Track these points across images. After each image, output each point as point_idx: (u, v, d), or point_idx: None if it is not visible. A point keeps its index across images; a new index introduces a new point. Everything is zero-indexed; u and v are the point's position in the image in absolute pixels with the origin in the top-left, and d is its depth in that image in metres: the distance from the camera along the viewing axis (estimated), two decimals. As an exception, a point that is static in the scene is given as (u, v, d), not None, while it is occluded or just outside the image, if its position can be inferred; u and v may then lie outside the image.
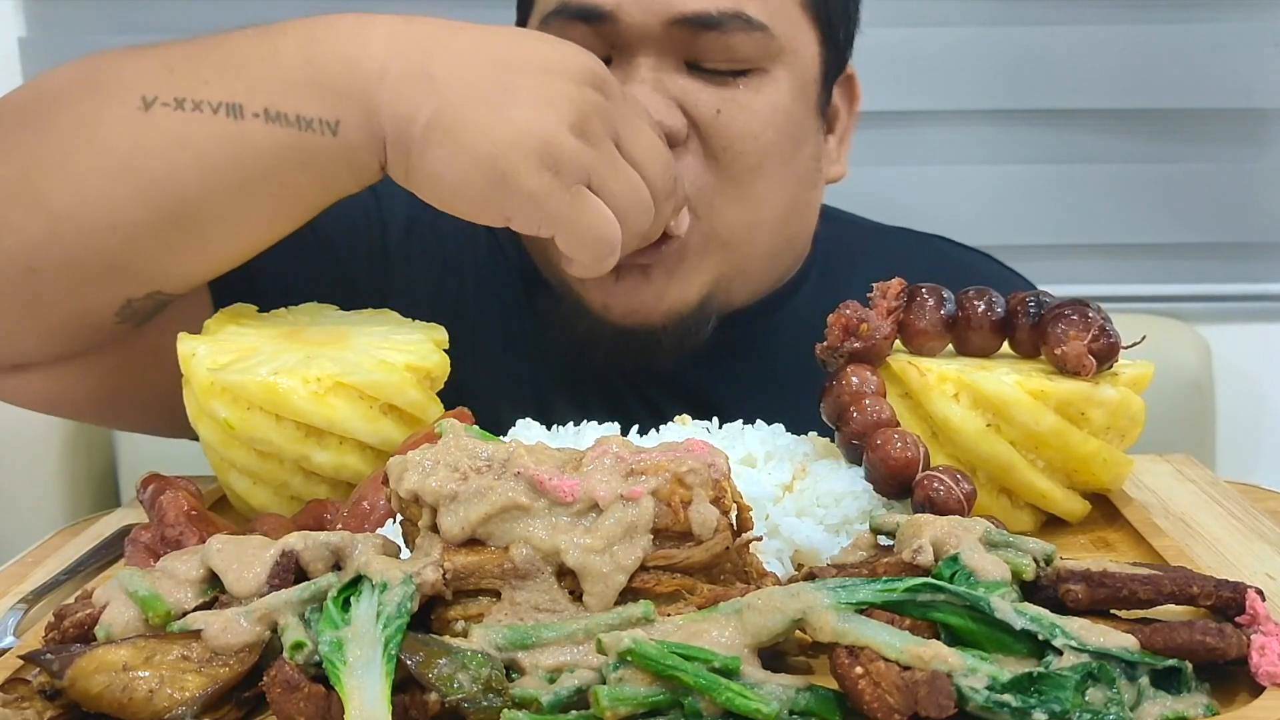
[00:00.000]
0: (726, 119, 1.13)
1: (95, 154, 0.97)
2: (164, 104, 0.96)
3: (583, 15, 1.12)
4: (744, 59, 1.14)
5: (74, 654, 0.67)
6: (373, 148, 0.96)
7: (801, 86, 1.19)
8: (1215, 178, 2.20)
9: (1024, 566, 0.73)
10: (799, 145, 1.21)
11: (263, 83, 0.96)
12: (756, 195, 1.17)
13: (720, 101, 1.14)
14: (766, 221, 1.20)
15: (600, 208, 0.95)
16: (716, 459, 0.76)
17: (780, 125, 1.17)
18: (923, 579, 0.69)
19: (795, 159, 1.20)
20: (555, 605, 0.72)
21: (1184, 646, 0.67)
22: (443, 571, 0.71)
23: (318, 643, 0.67)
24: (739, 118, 1.14)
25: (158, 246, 1.00)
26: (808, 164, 1.24)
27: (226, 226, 1.00)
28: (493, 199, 0.94)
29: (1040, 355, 0.97)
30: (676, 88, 1.12)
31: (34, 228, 0.98)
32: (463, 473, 0.74)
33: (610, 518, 0.72)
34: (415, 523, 0.76)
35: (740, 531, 0.78)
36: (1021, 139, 2.20)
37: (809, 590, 0.68)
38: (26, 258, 0.99)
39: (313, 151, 0.96)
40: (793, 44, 1.17)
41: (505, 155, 0.92)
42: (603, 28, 1.12)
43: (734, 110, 1.14)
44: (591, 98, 0.95)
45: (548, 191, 0.93)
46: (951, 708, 0.62)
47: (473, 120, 0.92)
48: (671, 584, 0.73)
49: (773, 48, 1.14)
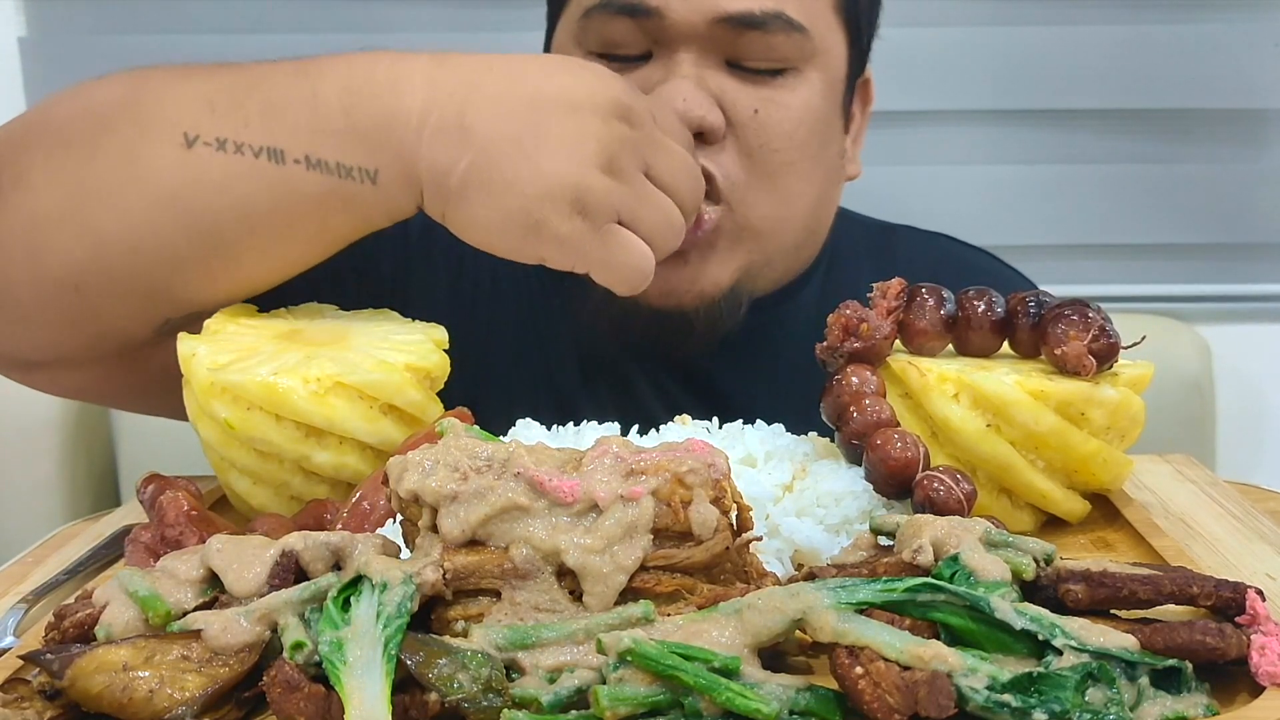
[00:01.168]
0: (764, 118, 1.17)
1: (140, 185, 1.00)
2: (206, 143, 0.99)
3: (628, 10, 1.14)
4: (782, 59, 1.17)
5: (74, 654, 0.67)
6: (410, 193, 0.99)
7: (831, 86, 1.23)
8: (1215, 178, 2.20)
9: (1024, 566, 0.73)
10: (827, 143, 1.24)
11: (303, 129, 0.98)
12: (788, 189, 1.21)
13: (758, 101, 1.17)
14: (795, 214, 1.24)
15: (632, 242, 0.98)
16: (716, 459, 0.76)
17: (812, 124, 1.20)
18: (923, 579, 0.69)
19: (823, 156, 1.24)
20: (555, 605, 0.72)
21: (1184, 646, 0.67)
22: (443, 571, 0.71)
23: (318, 643, 0.67)
24: (775, 116, 1.17)
25: (198, 274, 1.03)
26: (833, 160, 1.28)
27: (266, 259, 1.03)
28: (527, 244, 0.97)
29: (1040, 355, 0.97)
30: (716, 85, 1.15)
31: (80, 250, 1.01)
32: (463, 473, 0.74)
33: (610, 518, 0.72)
34: (415, 523, 0.76)
35: (740, 531, 0.78)
36: (1021, 139, 2.20)
37: (809, 590, 0.68)
38: (73, 277, 1.01)
39: (351, 197, 0.99)
40: (825, 44, 1.20)
41: (537, 206, 0.95)
42: (647, 23, 1.15)
43: (771, 109, 1.17)
44: (619, 133, 0.98)
45: (579, 235, 0.96)
46: (951, 708, 0.62)
47: (506, 173, 0.95)
48: (671, 584, 0.73)
49: (809, 48, 1.18)
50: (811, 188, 1.24)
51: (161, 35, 2.23)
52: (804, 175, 1.22)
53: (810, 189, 1.24)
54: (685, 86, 1.13)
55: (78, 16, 2.24)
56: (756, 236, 1.22)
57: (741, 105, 1.16)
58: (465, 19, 2.24)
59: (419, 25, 2.24)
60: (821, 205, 1.29)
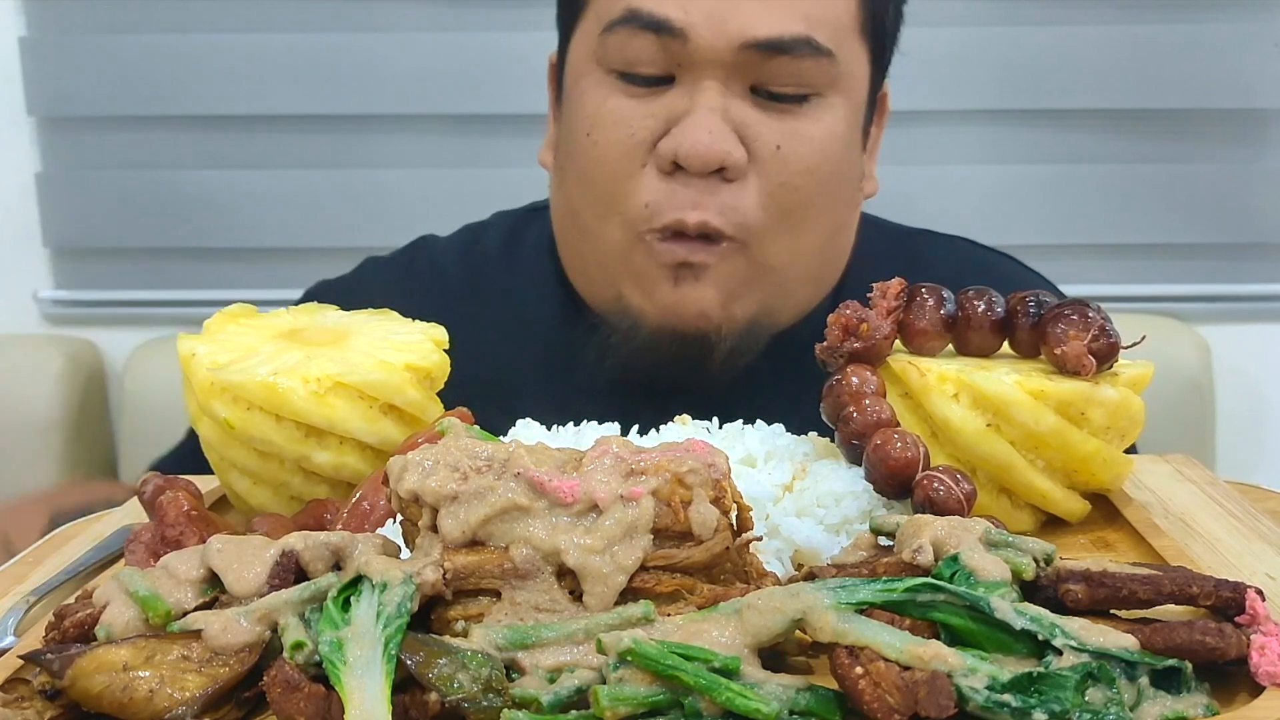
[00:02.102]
0: (786, 154, 1.16)
1: None
2: None
3: (653, 27, 1.13)
4: (808, 84, 1.16)
5: (74, 654, 0.67)
6: None
7: (854, 110, 1.22)
8: (1215, 178, 2.20)
9: (1024, 566, 0.73)
10: (846, 173, 1.24)
11: None
12: (804, 227, 1.21)
13: (781, 136, 1.16)
14: (811, 248, 1.24)
15: None
16: (716, 459, 0.76)
17: (834, 155, 1.20)
18: (923, 579, 0.69)
19: (842, 187, 1.24)
20: (555, 605, 0.72)
21: (1184, 646, 0.67)
22: (443, 571, 0.71)
23: (318, 643, 0.67)
24: (798, 152, 1.17)
25: None
26: (851, 187, 1.27)
27: None
28: None
29: (1040, 355, 0.97)
30: (740, 116, 1.15)
31: None
32: (463, 473, 0.74)
33: (610, 518, 0.72)
34: (415, 523, 0.76)
35: (740, 531, 0.78)
36: (1021, 139, 2.20)
37: (809, 590, 0.68)
38: None
39: None
40: (849, 68, 1.19)
41: None
42: (672, 43, 1.13)
43: (794, 145, 1.17)
44: None
45: None
46: (952, 708, 0.62)
47: None
48: (671, 584, 0.73)
49: (835, 73, 1.17)
50: (829, 220, 1.24)
51: (161, 35, 2.24)
52: (821, 210, 1.22)
53: (828, 222, 1.24)
54: (711, 120, 1.12)
55: (78, 16, 2.25)
56: (771, 271, 1.22)
57: (764, 140, 1.16)
58: (465, 19, 2.24)
59: (419, 25, 2.25)
60: (839, 233, 1.29)
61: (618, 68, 1.17)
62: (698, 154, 1.13)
